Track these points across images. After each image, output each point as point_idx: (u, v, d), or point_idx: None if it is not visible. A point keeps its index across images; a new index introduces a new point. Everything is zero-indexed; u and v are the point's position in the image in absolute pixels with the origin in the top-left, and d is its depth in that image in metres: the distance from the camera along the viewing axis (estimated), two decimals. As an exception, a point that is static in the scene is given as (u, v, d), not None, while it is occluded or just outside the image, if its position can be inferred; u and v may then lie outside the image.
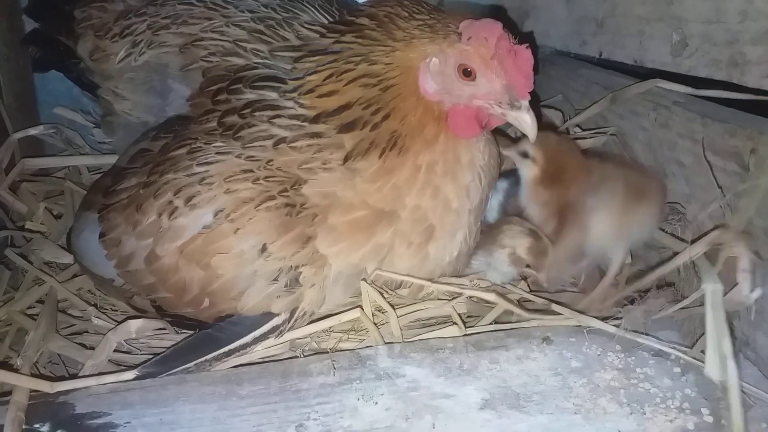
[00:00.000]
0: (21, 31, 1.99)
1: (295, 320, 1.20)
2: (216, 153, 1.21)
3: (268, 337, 1.19)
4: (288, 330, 1.20)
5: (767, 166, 1.06)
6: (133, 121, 1.56)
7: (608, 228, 1.34)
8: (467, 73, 1.16)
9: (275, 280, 1.15)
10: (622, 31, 1.49)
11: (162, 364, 1.16)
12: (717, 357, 1.03)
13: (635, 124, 1.50)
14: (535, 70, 1.16)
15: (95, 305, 1.47)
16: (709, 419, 1.01)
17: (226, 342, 1.17)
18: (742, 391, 1.00)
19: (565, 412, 1.03)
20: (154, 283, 1.22)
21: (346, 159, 1.19)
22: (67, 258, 1.58)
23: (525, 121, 1.18)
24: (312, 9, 1.48)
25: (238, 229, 1.15)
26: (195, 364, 1.16)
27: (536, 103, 1.23)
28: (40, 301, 1.47)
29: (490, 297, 1.23)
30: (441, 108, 1.21)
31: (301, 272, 1.16)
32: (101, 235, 1.29)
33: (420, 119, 1.20)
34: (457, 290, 1.27)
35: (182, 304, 1.22)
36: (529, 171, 1.43)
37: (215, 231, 1.15)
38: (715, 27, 1.17)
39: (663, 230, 1.36)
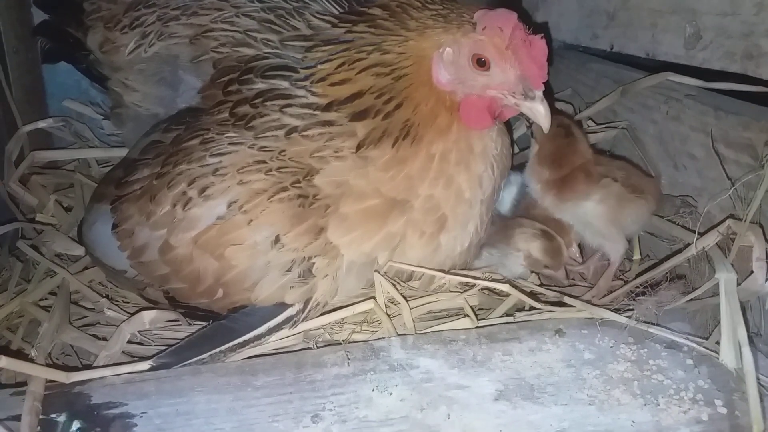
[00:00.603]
0: (30, 24, 1.99)
1: (309, 311, 1.20)
2: (229, 144, 1.21)
3: (282, 328, 1.19)
4: (302, 320, 1.20)
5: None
6: (143, 113, 1.57)
7: (605, 221, 1.37)
8: (481, 63, 1.16)
9: (288, 271, 1.16)
10: (635, 23, 1.48)
11: (177, 354, 1.16)
12: (732, 345, 1.04)
13: (646, 118, 1.50)
14: (549, 61, 1.16)
15: (107, 297, 1.48)
16: (723, 410, 1.01)
17: (241, 333, 1.17)
18: (760, 384, 1.01)
19: (580, 403, 1.03)
20: (167, 273, 1.23)
21: (358, 147, 1.19)
22: (79, 250, 1.59)
23: (539, 111, 1.18)
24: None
25: (252, 220, 1.15)
26: (210, 355, 1.16)
27: (550, 94, 1.22)
28: (52, 293, 1.48)
29: (504, 287, 1.23)
30: (453, 98, 1.21)
31: (314, 263, 1.17)
32: (114, 227, 1.30)
33: (432, 109, 1.20)
34: (471, 281, 1.27)
35: (196, 295, 1.22)
36: (532, 149, 1.46)
37: (229, 222, 1.16)
38: (730, 19, 1.17)
39: (674, 222, 1.36)
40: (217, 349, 1.16)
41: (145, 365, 1.14)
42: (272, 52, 1.36)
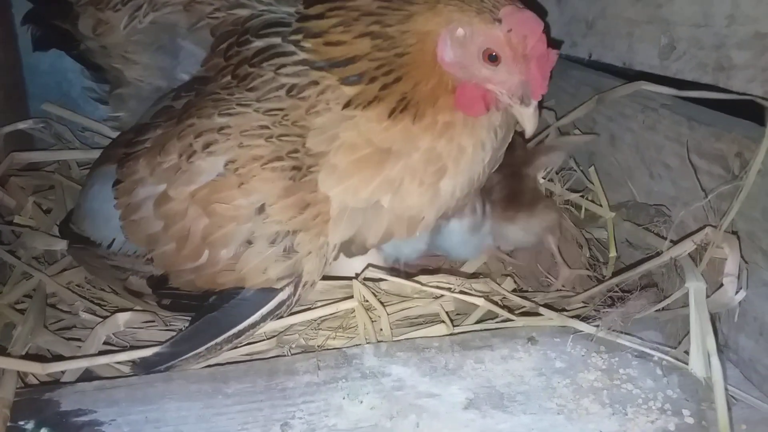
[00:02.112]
0: (11, 25, 1.98)
1: (299, 294, 1.19)
2: (237, 104, 1.22)
3: (276, 314, 1.18)
4: (295, 304, 1.19)
5: (751, 169, 1.07)
6: (145, 88, 1.55)
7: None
8: (492, 58, 1.15)
9: (272, 243, 1.15)
10: (612, 32, 1.49)
11: (172, 347, 1.15)
12: (701, 354, 1.05)
13: (623, 126, 1.51)
14: (551, 74, 1.16)
15: (84, 297, 1.47)
16: (690, 420, 1.02)
17: (235, 323, 1.16)
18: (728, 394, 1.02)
19: (548, 413, 1.04)
20: (158, 232, 1.21)
21: (346, 105, 1.18)
22: (60, 245, 1.58)
23: (529, 117, 1.19)
24: None
25: (243, 183, 1.15)
26: (206, 348, 1.15)
27: (541, 102, 1.23)
28: (28, 296, 1.46)
29: (478, 301, 1.24)
30: (452, 81, 1.20)
31: (296, 238, 1.16)
32: (115, 183, 1.29)
33: (433, 89, 1.19)
34: (444, 293, 1.27)
35: (181, 258, 1.20)
36: None
37: (222, 181, 1.16)
38: (702, 30, 1.17)
39: (649, 230, 1.37)
40: (213, 341, 1.15)
41: (122, 356, 1.15)
42: (267, 9, 1.36)
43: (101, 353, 1.19)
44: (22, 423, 1.03)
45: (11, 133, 1.88)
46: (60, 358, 1.34)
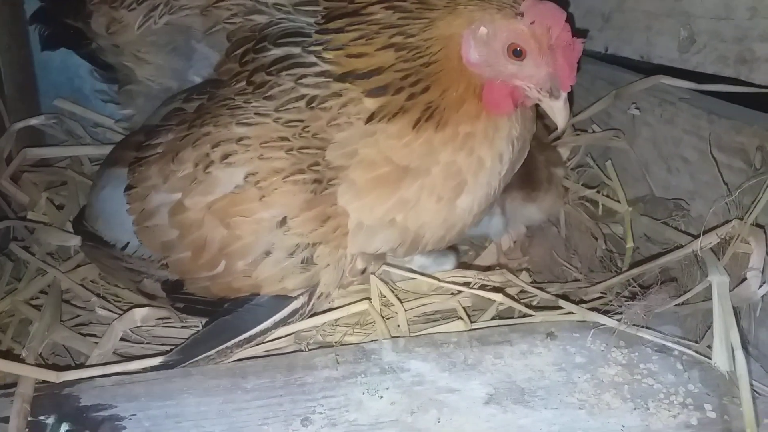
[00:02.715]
0: (23, 21, 1.97)
1: (313, 303, 1.19)
2: (255, 114, 1.20)
3: (288, 322, 1.18)
4: (308, 313, 1.19)
5: (774, 163, 1.06)
6: (155, 88, 1.55)
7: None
8: (517, 53, 1.14)
9: (291, 255, 1.15)
10: (629, 26, 1.48)
11: (184, 352, 1.16)
12: (725, 348, 1.03)
13: (640, 120, 1.49)
14: (578, 65, 1.15)
15: (99, 295, 1.47)
16: (713, 415, 1.01)
17: (247, 328, 1.16)
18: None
19: (570, 407, 1.03)
20: (173, 239, 1.20)
21: (369, 119, 1.17)
22: (74, 241, 1.57)
23: (559, 110, 1.17)
24: None
25: (264, 196, 1.14)
26: (216, 352, 1.16)
27: (571, 94, 1.21)
28: (44, 292, 1.47)
29: (495, 297, 1.23)
30: (480, 81, 1.18)
31: (316, 250, 1.16)
32: (128, 188, 1.28)
33: (462, 95, 1.18)
34: (462, 289, 1.27)
35: (197, 267, 1.20)
36: None
37: (242, 193, 1.15)
38: (723, 23, 1.16)
39: (667, 224, 1.36)
40: (224, 345, 1.16)
41: (135, 365, 1.14)
42: (285, 17, 1.34)
43: (114, 362, 1.18)
44: (42, 418, 1.03)
45: (23, 129, 1.88)
46: (76, 353, 1.35)
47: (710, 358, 1.05)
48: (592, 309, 1.23)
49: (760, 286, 1.05)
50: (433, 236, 1.25)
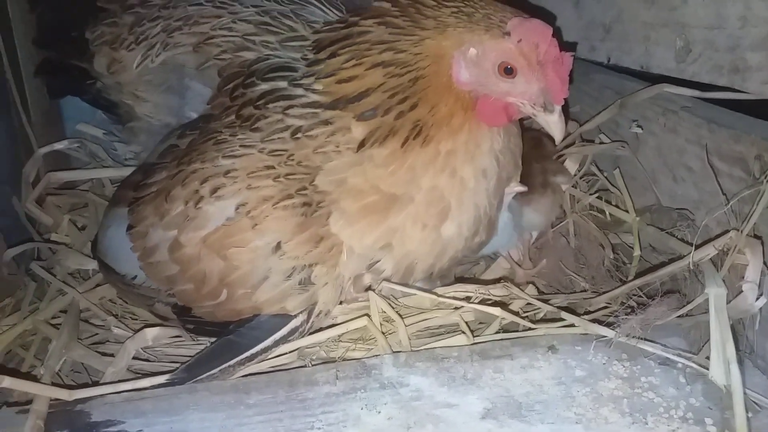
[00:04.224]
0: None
1: (312, 321, 1.22)
2: (240, 146, 1.23)
3: (288, 340, 1.21)
4: (308, 331, 1.22)
5: (772, 172, 1.05)
6: (155, 124, 1.62)
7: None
8: (508, 71, 1.15)
9: (289, 277, 1.18)
10: (629, 36, 1.48)
11: (188, 371, 1.20)
12: (721, 361, 1.03)
13: (646, 129, 1.49)
14: (570, 78, 1.16)
15: (115, 315, 1.52)
16: (713, 429, 1.00)
17: (248, 346, 1.20)
18: (752, 401, 1.00)
19: (566, 422, 1.03)
20: (175, 274, 1.25)
21: (360, 146, 1.19)
22: (92, 264, 1.63)
23: (555, 124, 1.19)
24: (318, 3, 1.51)
25: (256, 224, 1.17)
26: (219, 370, 1.19)
27: (566, 107, 1.22)
28: (64, 311, 1.53)
29: (495, 312, 1.24)
30: (471, 97, 1.20)
31: (313, 271, 1.18)
32: (129, 228, 1.33)
33: (450, 109, 1.19)
34: (461, 304, 1.28)
35: (201, 297, 1.24)
36: None
37: (235, 224, 1.18)
38: (716, 32, 1.16)
39: (672, 235, 1.35)
40: (226, 364, 1.19)
41: (143, 383, 1.18)
42: (273, 54, 1.39)
43: (123, 380, 1.23)
44: (54, 434, 1.07)
45: (48, 154, 1.95)
46: (94, 371, 1.40)
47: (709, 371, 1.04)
48: (595, 320, 1.22)
49: (757, 299, 1.03)
50: (424, 264, 1.27)
